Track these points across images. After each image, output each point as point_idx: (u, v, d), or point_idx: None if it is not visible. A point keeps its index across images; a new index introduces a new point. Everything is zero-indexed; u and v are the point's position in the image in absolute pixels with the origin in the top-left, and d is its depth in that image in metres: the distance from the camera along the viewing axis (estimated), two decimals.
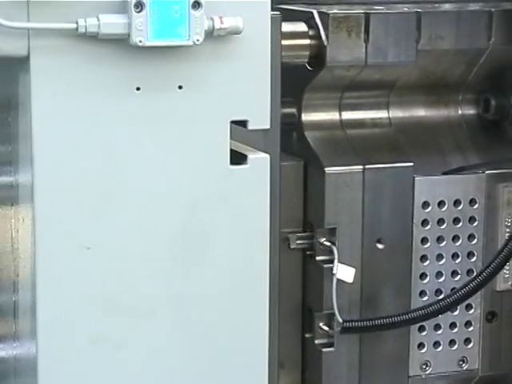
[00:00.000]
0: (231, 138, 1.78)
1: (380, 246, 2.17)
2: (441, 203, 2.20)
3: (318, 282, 2.14)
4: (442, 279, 2.22)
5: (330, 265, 2.10)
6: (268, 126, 1.77)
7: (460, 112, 2.32)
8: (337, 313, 2.09)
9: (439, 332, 2.24)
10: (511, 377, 2.34)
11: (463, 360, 2.26)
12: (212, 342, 1.82)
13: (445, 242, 2.21)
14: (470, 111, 2.32)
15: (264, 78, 1.76)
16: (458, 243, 2.22)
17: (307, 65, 2.13)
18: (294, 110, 2.19)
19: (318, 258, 2.13)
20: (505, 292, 2.26)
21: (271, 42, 1.80)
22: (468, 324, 2.25)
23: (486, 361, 2.29)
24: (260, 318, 1.84)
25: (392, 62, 2.15)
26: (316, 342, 2.15)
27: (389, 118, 2.27)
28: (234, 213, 1.79)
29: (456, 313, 2.23)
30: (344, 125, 2.23)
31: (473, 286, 2.14)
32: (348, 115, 2.24)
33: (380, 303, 2.18)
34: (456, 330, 2.25)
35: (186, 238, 1.78)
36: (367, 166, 2.15)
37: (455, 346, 2.25)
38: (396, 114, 2.28)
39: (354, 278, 2.12)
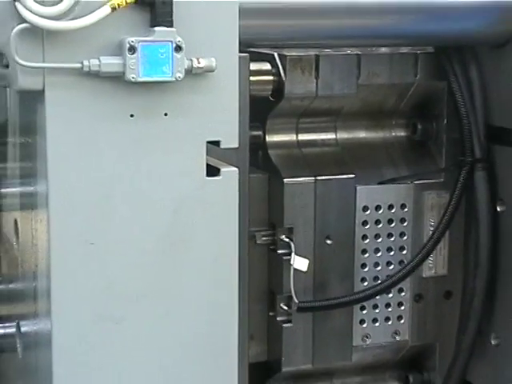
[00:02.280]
0: (209, 154, 1.74)
1: (329, 242, 2.16)
2: (377, 207, 2.21)
3: (279, 270, 2.14)
4: (378, 268, 2.22)
5: (289, 257, 2.10)
6: (237, 145, 1.77)
7: (393, 134, 2.31)
8: (294, 295, 2.10)
9: (377, 310, 2.24)
10: (434, 346, 2.34)
11: (396, 333, 2.26)
12: (193, 319, 1.80)
13: (381, 239, 2.22)
14: (401, 133, 2.31)
15: (233, 107, 1.75)
16: (391, 239, 2.23)
17: (270, 96, 2.13)
18: (260, 133, 2.19)
19: (279, 251, 2.13)
20: (429, 278, 2.27)
21: (241, 78, 1.80)
22: (400, 304, 2.25)
23: (415, 334, 2.29)
24: (231, 300, 1.82)
25: (337, 94, 2.15)
26: (278, 318, 2.15)
27: (336, 139, 2.26)
28: (210, 216, 1.78)
29: (390, 295, 2.24)
30: (300, 145, 2.23)
31: (403, 273, 2.17)
32: (303, 137, 2.23)
33: (329, 288, 2.18)
34: (390, 309, 2.25)
35: (170, 236, 1.76)
36: (318, 178, 2.14)
37: (390, 322, 2.25)
38: (341, 135, 2.27)
39: (308, 267, 2.12)
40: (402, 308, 2.26)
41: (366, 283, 2.22)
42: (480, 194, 2.12)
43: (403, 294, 2.26)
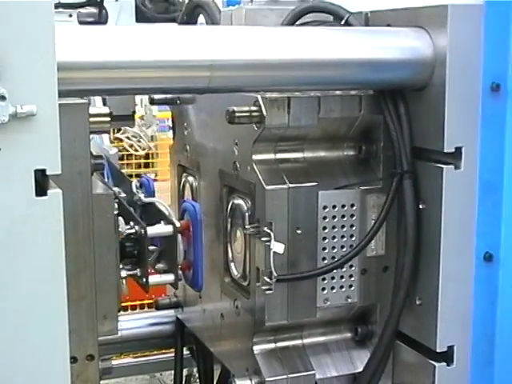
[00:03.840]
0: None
1: (299, 232, 2.19)
2: (334, 206, 2.23)
3: (263, 252, 2.17)
4: (335, 250, 2.25)
5: (269, 243, 2.13)
6: (59, 172, 1.66)
7: (345, 153, 2.33)
8: (273, 270, 2.13)
9: (334, 281, 2.27)
10: (375, 306, 2.35)
11: (348, 297, 2.30)
12: (23, 314, 1.67)
13: (336, 229, 2.25)
14: (351, 153, 2.33)
15: (55, 142, 1.65)
16: (344, 229, 2.26)
17: (255, 126, 2.16)
18: (248, 153, 2.22)
19: (262, 239, 2.15)
20: (372, 257, 2.30)
21: (79, 118, 1.82)
22: (351, 276, 2.29)
23: (362, 297, 2.31)
24: (59, 300, 1.69)
25: (304, 124, 2.17)
26: (262, 287, 2.18)
27: (303, 157, 2.29)
28: (39, 227, 1.67)
29: (344, 269, 2.27)
30: (277, 161, 2.25)
31: (353, 254, 2.23)
32: (279, 156, 2.25)
33: (299, 265, 2.21)
34: (344, 279, 2.28)
35: (8, 249, 1.65)
36: (290, 186, 2.17)
37: (343, 289, 2.29)
38: (307, 155, 2.29)
39: (284, 250, 2.15)
40: (352, 279, 2.29)
41: (325, 261, 2.24)
42: (407, 196, 2.15)
43: (353, 268, 2.28)
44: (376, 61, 2.09)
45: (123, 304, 4.40)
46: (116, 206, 2.11)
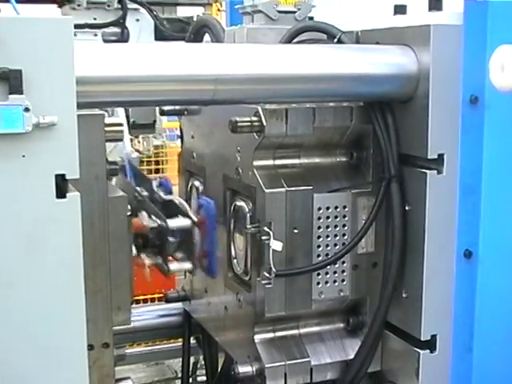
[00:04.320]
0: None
1: (295, 231, 2.20)
2: (328, 208, 2.23)
3: (263, 250, 2.18)
4: (328, 248, 2.25)
5: (269, 241, 2.14)
6: (77, 177, 1.69)
7: (337, 159, 2.33)
8: (272, 266, 2.14)
9: (328, 276, 2.28)
10: (365, 298, 2.35)
11: (341, 290, 2.30)
12: (43, 304, 1.70)
13: (330, 229, 2.25)
14: (343, 159, 2.33)
15: (73, 149, 1.67)
16: (337, 229, 2.26)
17: (255, 135, 2.17)
18: (249, 160, 2.23)
19: (262, 237, 2.16)
20: (362, 254, 2.30)
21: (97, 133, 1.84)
22: (343, 271, 2.29)
23: (353, 291, 2.32)
24: (77, 292, 1.72)
25: (300, 133, 2.19)
26: (262, 282, 2.18)
27: (300, 163, 2.29)
28: (59, 225, 1.69)
29: (337, 265, 2.28)
30: (276, 167, 2.25)
31: (345, 251, 2.24)
32: (278, 162, 2.26)
33: (296, 261, 2.22)
34: (337, 274, 2.29)
35: (31, 247, 1.68)
36: (288, 189, 2.18)
37: (336, 283, 2.29)
38: (303, 161, 2.29)
39: (282, 248, 2.15)
40: (344, 274, 2.30)
41: (320, 258, 2.24)
42: (394, 198, 2.16)
43: (345, 264, 2.29)
44: (366, 75, 2.10)
45: (135, 298, 4.40)
46: (138, 203, 2.15)
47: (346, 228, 2.29)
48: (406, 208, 2.17)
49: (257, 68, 2.00)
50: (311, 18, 2.47)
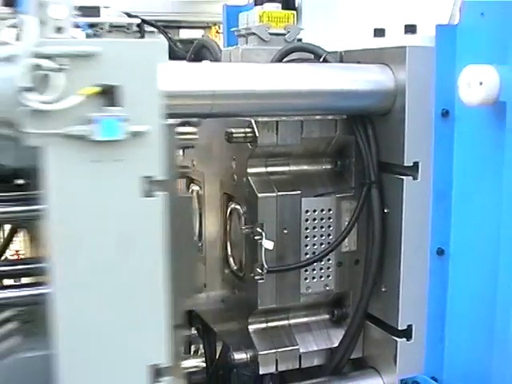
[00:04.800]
0: None
1: (285, 231, 2.21)
2: (314, 210, 2.24)
3: (256, 248, 2.19)
4: (315, 247, 2.26)
5: (261, 240, 2.16)
6: (163, 179, 1.74)
7: (323, 167, 2.34)
8: (265, 263, 2.16)
9: (314, 272, 2.29)
10: (349, 292, 2.35)
11: (326, 285, 2.31)
12: (133, 290, 1.75)
13: (316, 229, 2.26)
14: (328, 167, 2.34)
15: (159, 155, 1.73)
16: (322, 230, 2.27)
17: (249, 145, 2.18)
18: (243, 167, 2.23)
19: (256, 237, 2.17)
20: (346, 252, 2.31)
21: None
22: (328, 268, 2.30)
23: (337, 285, 2.33)
24: (156, 276, 1.77)
25: (289, 143, 2.19)
26: (255, 277, 2.19)
27: (289, 170, 2.30)
28: (146, 222, 1.75)
29: (322, 263, 2.29)
30: (268, 174, 2.26)
31: (330, 249, 2.25)
32: (270, 169, 2.27)
33: (285, 259, 2.23)
34: (323, 271, 2.30)
35: (121, 241, 1.73)
36: (278, 193, 2.20)
37: (322, 279, 2.30)
38: (292, 168, 2.30)
39: (273, 247, 2.17)
40: (330, 270, 2.31)
41: (307, 256, 2.25)
42: (374, 202, 2.17)
43: (330, 261, 2.30)
44: (348, 91, 2.11)
45: None
46: None
47: (330, 229, 2.30)
48: (385, 211, 2.18)
49: (250, 84, 2.01)
50: (300, 40, 2.48)
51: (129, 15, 3.45)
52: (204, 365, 2.25)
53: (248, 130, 2.16)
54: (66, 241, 1.70)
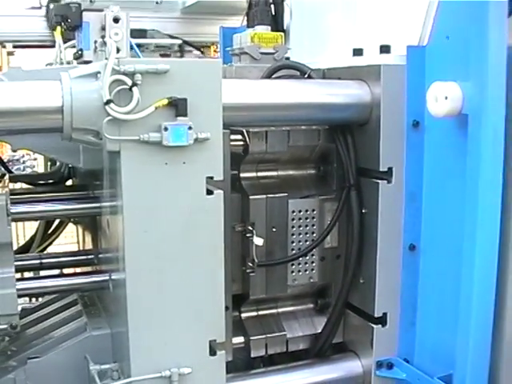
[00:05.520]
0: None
1: (274, 230, 2.21)
2: (300, 211, 2.24)
3: (247, 245, 2.17)
4: (301, 243, 2.26)
5: (252, 238, 2.14)
6: (222, 178, 1.83)
7: (308, 172, 2.34)
8: (255, 258, 2.15)
9: (300, 266, 2.29)
10: (331, 284, 2.35)
11: (311, 277, 2.31)
12: (198, 275, 1.82)
13: (302, 228, 2.25)
14: (312, 171, 2.34)
15: (219, 158, 1.80)
16: (307, 228, 2.26)
17: (242, 152, 2.17)
18: (236, 172, 2.22)
19: (247, 235, 2.16)
20: (328, 248, 2.30)
21: (225, 143, 1.84)
22: (312, 262, 2.30)
23: (321, 278, 2.33)
24: (219, 264, 1.85)
25: (277, 151, 2.20)
26: (247, 271, 2.19)
27: (277, 175, 2.29)
28: (208, 216, 1.81)
29: (307, 257, 2.28)
30: (258, 178, 2.25)
31: (314, 245, 2.26)
32: (260, 174, 2.26)
33: (274, 254, 2.23)
34: (307, 265, 2.30)
35: (186, 232, 1.80)
36: (268, 196, 2.19)
37: (307, 272, 2.30)
38: (280, 173, 2.30)
39: (263, 243, 2.15)
40: (314, 264, 2.31)
41: (294, 251, 2.25)
42: (353, 203, 2.17)
43: (314, 256, 2.30)
44: (330, 104, 2.12)
45: None
46: None
47: (314, 227, 2.29)
48: (363, 211, 2.19)
49: (243, 98, 2.02)
50: (287, 58, 2.49)
51: (171, 37, 3.52)
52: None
53: (240, 138, 2.17)
54: (139, 233, 1.75)
